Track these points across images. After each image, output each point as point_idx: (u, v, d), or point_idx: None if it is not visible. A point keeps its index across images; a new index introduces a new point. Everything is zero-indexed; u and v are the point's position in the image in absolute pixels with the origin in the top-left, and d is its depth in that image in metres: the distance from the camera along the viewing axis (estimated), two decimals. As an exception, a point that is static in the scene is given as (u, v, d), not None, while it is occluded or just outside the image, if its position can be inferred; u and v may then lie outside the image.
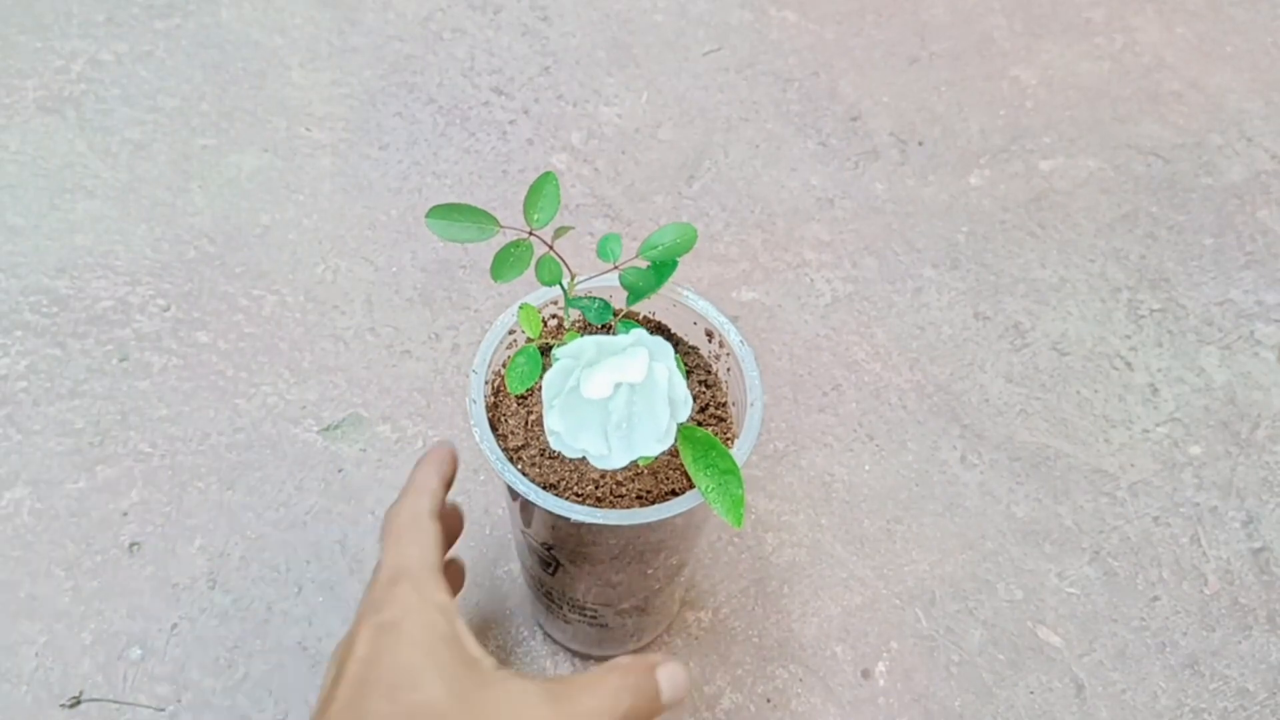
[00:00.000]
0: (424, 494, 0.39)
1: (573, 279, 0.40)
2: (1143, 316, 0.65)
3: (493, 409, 0.42)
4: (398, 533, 0.38)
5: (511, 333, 0.42)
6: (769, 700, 0.49)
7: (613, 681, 0.34)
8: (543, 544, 0.42)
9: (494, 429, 0.41)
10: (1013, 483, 0.57)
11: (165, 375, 0.58)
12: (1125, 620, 0.52)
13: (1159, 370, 0.62)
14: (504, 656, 0.49)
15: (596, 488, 0.39)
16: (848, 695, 0.49)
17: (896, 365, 0.61)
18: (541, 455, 0.40)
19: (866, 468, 0.57)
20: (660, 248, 0.39)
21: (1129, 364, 0.63)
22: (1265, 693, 0.50)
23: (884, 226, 0.69)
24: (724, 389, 0.43)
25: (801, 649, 0.50)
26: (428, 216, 0.37)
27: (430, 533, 0.38)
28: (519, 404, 0.42)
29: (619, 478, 0.40)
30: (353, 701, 0.32)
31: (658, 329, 0.44)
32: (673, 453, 0.40)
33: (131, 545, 0.52)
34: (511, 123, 0.73)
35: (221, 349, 0.60)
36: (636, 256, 0.39)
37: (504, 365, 0.43)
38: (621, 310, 0.42)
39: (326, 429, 0.56)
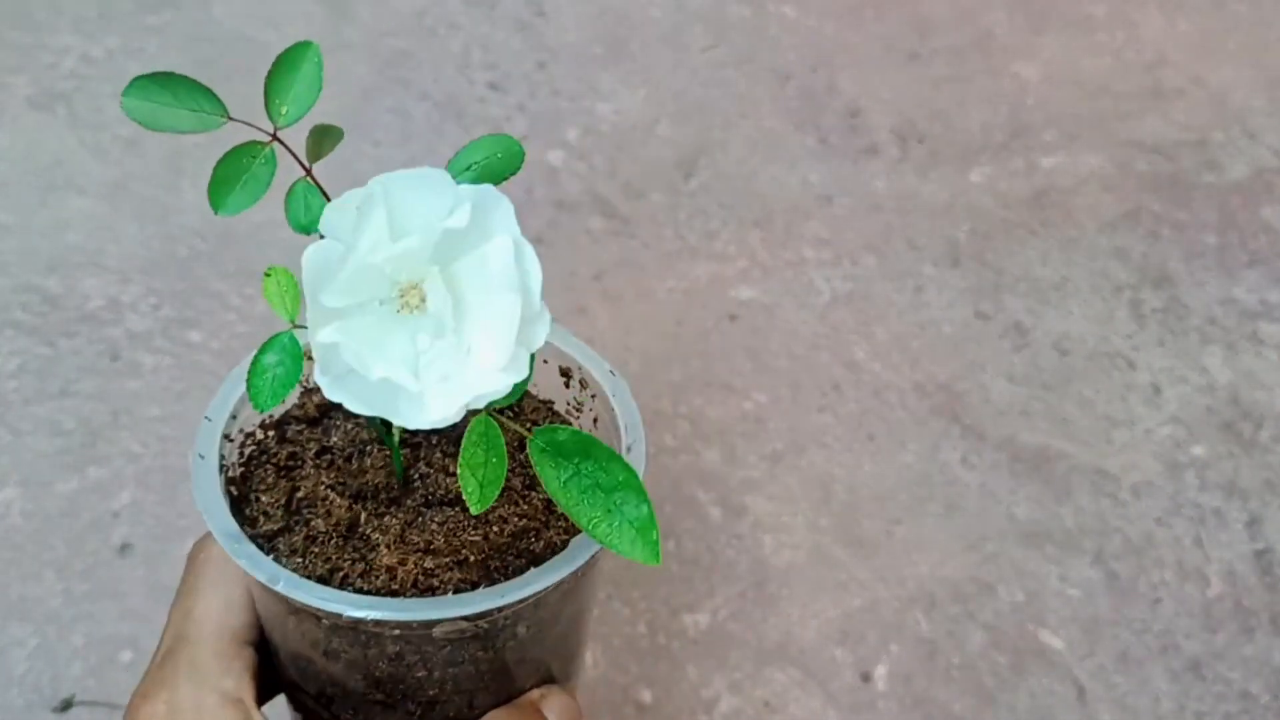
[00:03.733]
0: None
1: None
2: (1145, 315, 0.65)
3: (241, 481, 0.29)
4: (195, 574, 0.27)
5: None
6: (767, 704, 0.48)
7: None
8: (315, 696, 0.28)
9: (239, 508, 0.28)
10: (1014, 484, 0.56)
11: (157, 375, 0.58)
12: (1127, 623, 0.52)
13: (1161, 370, 0.62)
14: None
15: (393, 578, 0.26)
16: (847, 699, 0.49)
17: (897, 365, 0.61)
18: (309, 541, 0.27)
19: (866, 468, 0.56)
20: (474, 168, 0.25)
21: (1131, 363, 0.62)
22: (1268, 695, 0.50)
23: (884, 224, 0.68)
24: None
25: (800, 652, 0.50)
26: (126, 93, 0.24)
27: (243, 579, 0.26)
28: (280, 475, 0.29)
29: (427, 565, 0.27)
30: None
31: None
32: (512, 499, 0.28)
33: (123, 547, 0.52)
34: (507, 119, 0.72)
35: (214, 349, 0.59)
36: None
37: (265, 422, 0.31)
38: None
39: (320, 429, 0.56)
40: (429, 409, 0.21)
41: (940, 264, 0.66)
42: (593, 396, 0.31)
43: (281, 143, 0.24)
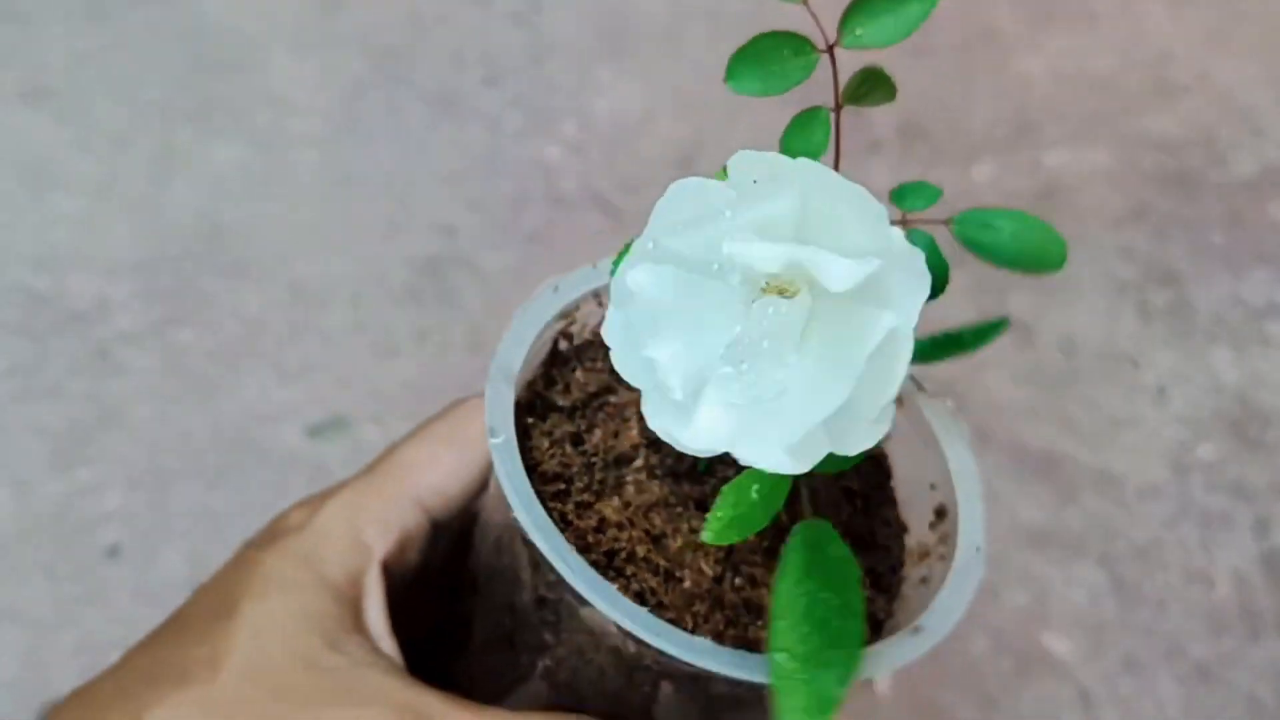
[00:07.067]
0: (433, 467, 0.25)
1: None
2: (1151, 315, 0.64)
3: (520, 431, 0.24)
4: (451, 425, 0.25)
5: (566, 321, 0.26)
6: (768, 711, 0.48)
7: None
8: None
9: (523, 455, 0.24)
10: (1018, 485, 0.56)
11: (147, 375, 0.57)
12: (1133, 627, 0.51)
13: (1168, 370, 0.61)
14: None
15: (704, 575, 0.21)
16: (848, 704, 0.48)
17: (898, 364, 0.60)
18: (595, 491, 0.23)
19: (868, 470, 0.56)
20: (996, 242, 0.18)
21: (1136, 364, 0.61)
22: (1276, 700, 0.50)
23: (885, 221, 0.68)
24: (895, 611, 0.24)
25: (801, 658, 0.49)
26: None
27: (397, 526, 0.25)
28: (566, 416, 0.25)
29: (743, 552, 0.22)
30: None
31: (870, 484, 0.25)
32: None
33: (112, 550, 0.51)
34: (502, 114, 0.71)
35: (205, 348, 0.58)
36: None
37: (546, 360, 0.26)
38: None
39: (312, 431, 0.55)
40: (694, 424, 0.17)
41: (943, 262, 0.66)
42: (943, 545, 0.24)
43: (833, 59, 0.21)
